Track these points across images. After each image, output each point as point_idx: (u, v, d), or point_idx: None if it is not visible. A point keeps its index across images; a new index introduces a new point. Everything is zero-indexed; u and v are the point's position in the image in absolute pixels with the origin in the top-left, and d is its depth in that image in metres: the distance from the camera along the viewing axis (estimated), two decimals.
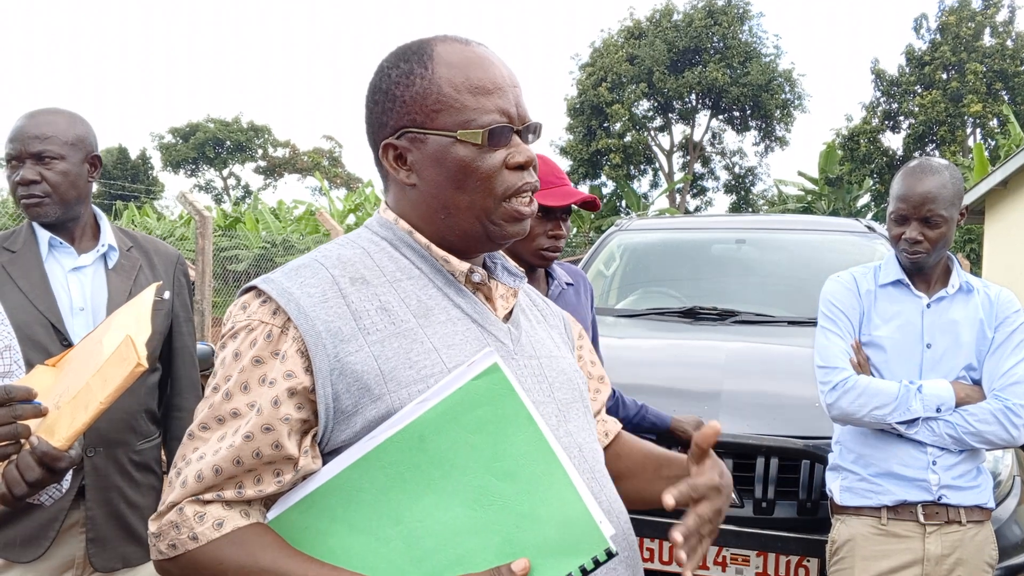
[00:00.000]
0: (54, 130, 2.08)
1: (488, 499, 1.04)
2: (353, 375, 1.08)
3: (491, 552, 1.03)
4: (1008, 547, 2.50)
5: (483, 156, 1.16)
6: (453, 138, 1.15)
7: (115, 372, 1.34)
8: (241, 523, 1.07)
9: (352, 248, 1.20)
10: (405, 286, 1.17)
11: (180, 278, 2.34)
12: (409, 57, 1.19)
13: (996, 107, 28.39)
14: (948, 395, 2.25)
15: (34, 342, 1.97)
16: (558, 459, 1.06)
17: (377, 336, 1.10)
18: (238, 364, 1.10)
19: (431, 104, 1.16)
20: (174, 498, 1.07)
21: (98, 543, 2.09)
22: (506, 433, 1.06)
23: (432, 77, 1.16)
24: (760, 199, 39.22)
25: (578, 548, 1.03)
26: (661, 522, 2.78)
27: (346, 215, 23.98)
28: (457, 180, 1.16)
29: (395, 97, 1.18)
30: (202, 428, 1.10)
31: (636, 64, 34.65)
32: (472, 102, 1.15)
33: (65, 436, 1.35)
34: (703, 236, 4.98)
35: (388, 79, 1.20)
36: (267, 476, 1.08)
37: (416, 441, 1.05)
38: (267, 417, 1.06)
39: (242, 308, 1.15)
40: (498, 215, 1.18)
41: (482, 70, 1.17)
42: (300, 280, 1.12)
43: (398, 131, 1.19)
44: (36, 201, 2.07)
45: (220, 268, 16.87)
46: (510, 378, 1.08)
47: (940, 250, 2.31)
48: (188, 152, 48.81)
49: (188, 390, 2.35)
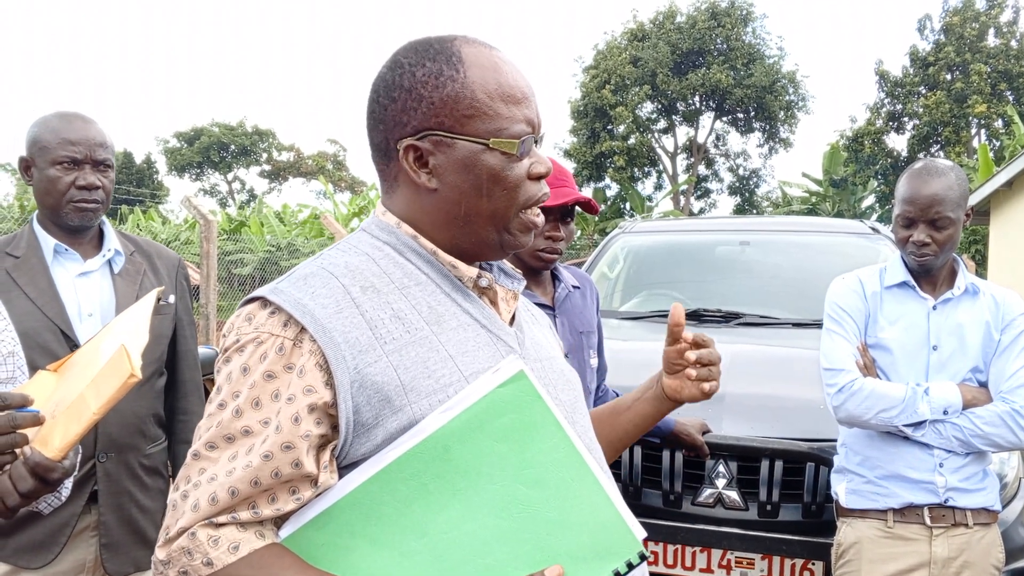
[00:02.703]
0: (109, 139, 2.16)
1: (517, 507, 1.03)
2: (373, 387, 1.05)
3: (522, 560, 1.02)
4: (1014, 549, 2.49)
5: (512, 165, 1.15)
6: (484, 145, 1.13)
7: (108, 383, 1.31)
8: (257, 545, 1.02)
9: (356, 255, 1.16)
10: (414, 293, 1.14)
11: (182, 282, 2.37)
12: (435, 56, 1.15)
13: (1000, 108, 28.38)
14: (955, 398, 2.24)
15: (43, 348, 1.97)
16: (587, 464, 1.06)
17: (394, 345, 1.07)
18: (247, 379, 1.05)
19: (463, 109, 1.13)
20: (185, 523, 1.01)
21: (111, 548, 2.10)
22: (533, 440, 1.05)
23: (465, 81, 1.13)
24: (764, 201, 39.21)
25: (611, 552, 1.03)
26: (661, 525, 2.78)
27: (350, 218, 24.03)
28: (484, 188, 1.15)
29: (421, 97, 1.14)
30: (209, 447, 1.04)
31: (639, 66, 34.65)
32: (504, 110, 1.14)
33: (59, 447, 1.33)
34: (707, 238, 4.97)
35: (412, 77, 1.15)
36: (283, 495, 1.04)
37: (440, 451, 1.03)
38: (287, 435, 1.02)
39: (247, 320, 1.09)
40: (514, 225, 1.18)
41: (511, 77, 1.16)
42: (311, 290, 1.08)
43: (421, 132, 1.15)
44: (95, 207, 2.13)
45: (225, 272, 16.89)
46: (536, 385, 1.07)
47: (947, 252, 2.30)
48: (193, 156, 48.91)
49: (192, 393, 2.37)
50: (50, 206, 2.10)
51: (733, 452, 2.77)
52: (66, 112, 2.14)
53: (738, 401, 2.95)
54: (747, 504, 2.76)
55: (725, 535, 2.72)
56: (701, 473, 2.82)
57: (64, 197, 2.08)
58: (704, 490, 2.80)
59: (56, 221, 2.13)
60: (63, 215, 2.10)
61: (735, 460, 2.78)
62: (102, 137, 2.13)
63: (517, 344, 1.21)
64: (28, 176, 2.13)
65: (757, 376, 3.20)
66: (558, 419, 1.06)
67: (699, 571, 2.76)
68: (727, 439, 2.76)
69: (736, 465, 2.78)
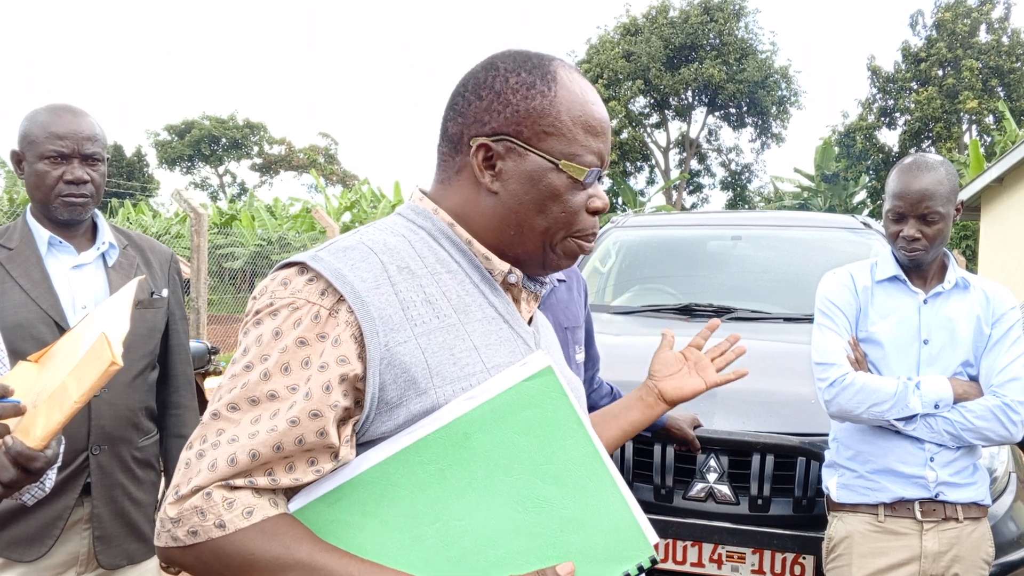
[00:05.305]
0: (99, 132, 2.14)
1: (532, 501, 1.03)
2: (401, 366, 1.05)
3: (533, 554, 1.02)
4: (1004, 543, 2.51)
5: (574, 191, 1.18)
6: (554, 165, 1.16)
7: (89, 371, 1.31)
8: (271, 512, 1.01)
9: (394, 235, 1.18)
10: (445, 280, 1.15)
11: (175, 276, 2.37)
12: (532, 69, 1.19)
13: (992, 103, 28.48)
14: (946, 392, 2.25)
15: (38, 340, 1.96)
16: (606, 466, 1.06)
17: (424, 328, 1.08)
18: (279, 343, 1.04)
19: (546, 125, 1.16)
20: (200, 481, 0.99)
21: (104, 541, 2.10)
22: (555, 437, 1.05)
23: (554, 100, 1.17)
24: (756, 196, 39.30)
25: (623, 554, 1.04)
26: (652, 519, 2.79)
27: (342, 212, 23.94)
28: (543, 205, 1.17)
29: (508, 102, 1.17)
30: (231, 408, 1.03)
31: (632, 61, 34.65)
32: (583, 138, 1.18)
33: (40, 436, 1.32)
34: (699, 233, 4.98)
35: (504, 82, 1.18)
36: (302, 464, 1.03)
37: (461, 438, 1.03)
38: (316, 402, 1.01)
39: (283, 284, 1.08)
40: (561, 247, 1.21)
41: (596, 109, 1.20)
42: (351, 262, 1.08)
43: (498, 136, 1.17)
44: (84, 201, 2.11)
45: (216, 266, 16.82)
46: (562, 382, 1.07)
47: (938, 247, 2.31)
48: (184, 149, 48.71)
49: (184, 387, 2.37)
50: (40, 200, 2.10)
51: (724, 446, 2.78)
52: (56, 105, 2.13)
53: (729, 396, 2.95)
54: (738, 498, 2.77)
55: (716, 529, 2.73)
56: (692, 467, 2.83)
57: (53, 192, 2.07)
58: (695, 484, 2.81)
59: (47, 215, 2.12)
60: (52, 209, 2.09)
61: (726, 454, 2.79)
62: (92, 130, 2.11)
63: (534, 343, 1.23)
64: (20, 170, 2.12)
65: (749, 371, 3.21)
66: (582, 419, 1.07)
67: (690, 565, 2.77)
68: (718, 433, 2.77)
69: (727, 459, 2.79)
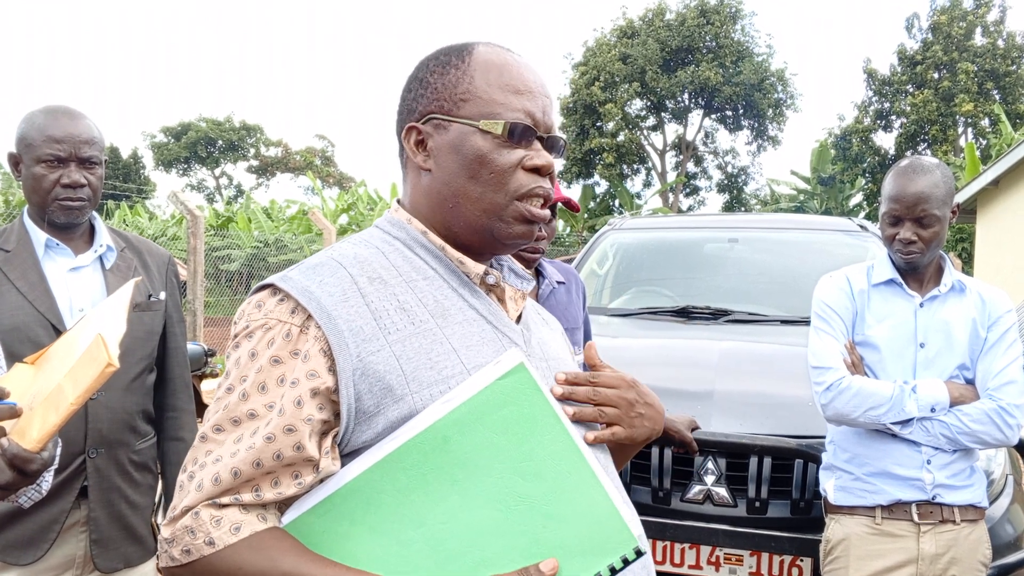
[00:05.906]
0: (97, 135, 2.13)
1: (514, 500, 1.04)
2: (375, 375, 1.06)
3: (517, 553, 1.03)
4: (1001, 546, 2.51)
5: (500, 150, 1.17)
6: (475, 127, 1.17)
7: (86, 372, 1.31)
8: (259, 527, 1.04)
9: (366, 247, 1.20)
10: (421, 286, 1.16)
11: (172, 279, 2.36)
12: (449, 52, 1.23)
13: (987, 106, 28.52)
14: (942, 395, 2.26)
15: (34, 343, 1.96)
16: (585, 459, 1.06)
17: (398, 336, 1.09)
18: (255, 364, 1.07)
19: (460, 93, 1.18)
20: (189, 502, 1.04)
21: (101, 544, 2.10)
22: (532, 433, 1.05)
23: (466, 69, 1.19)
24: (753, 198, 39.29)
25: (607, 547, 1.04)
26: (650, 521, 2.79)
27: (339, 214, 23.92)
28: (471, 169, 1.17)
29: (427, 84, 1.21)
30: (216, 430, 1.07)
31: (629, 63, 34.65)
32: (500, 97, 1.18)
33: (37, 438, 1.33)
34: (696, 235, 4.99)
35: (425, 69, 1.23)
36: (286, 478, 1.05)
37: (440, 442, 1.04)
38: (289, 418, 1.04)
39: (257, 307, 1.12)
40: (507, 213, 1.19)
41: (516, 70, 1.21)
42: (319, 278, 1.11)
43: (424, 116, 1.21)
44: (81, 204, 2.10)
45: (212, 268, 16.81)
46: (536, 378, 1.07)
47: (934, 249, 2.32)
48: (180, 151, 48.59)
49: (181, 390, 2.37)
50: (37, 203, 2.09)
51: (722, 449, 2.78)
52: (54, 107, 2.12)
53: (727, 398, 2.96)
54: (736, 501, 2.77)
55: (714, 532, 2.73)
56: (690, 470, 2.83)
57: (49, 195, 2.07)
58: (693, 487, 2.81)
59: (44, 218, 2.12)
60: (49, 212, 2.09)
61: (724, 457, 2.80)
62: (89, 133, 2.10)
63: (523, 341, 1.23)
64: (17, 172, 2.12)
65: (746, 373, 3.22)
66: (557, 413, 1.07)
67: (688, 567, 2.77)
68: (716, 436, 2.77)
69: (725, 462, 2.79)
